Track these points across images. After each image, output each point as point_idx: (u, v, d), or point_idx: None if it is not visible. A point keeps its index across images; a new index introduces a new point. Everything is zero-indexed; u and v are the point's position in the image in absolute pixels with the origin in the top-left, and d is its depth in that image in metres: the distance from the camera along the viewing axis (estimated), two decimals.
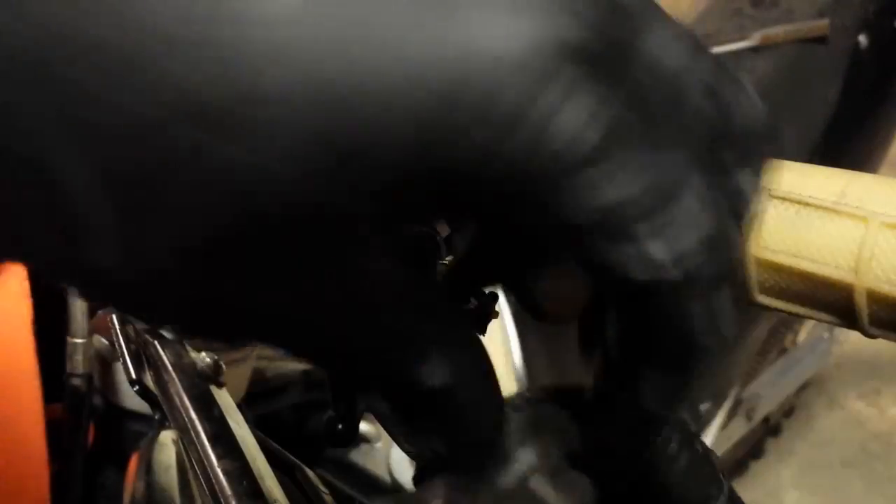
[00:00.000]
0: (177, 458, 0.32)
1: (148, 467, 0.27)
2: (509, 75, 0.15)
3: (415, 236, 0.34)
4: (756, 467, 1.78)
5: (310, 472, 0.44)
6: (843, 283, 0.27)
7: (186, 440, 0.33)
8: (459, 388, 0.21)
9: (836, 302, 0.27)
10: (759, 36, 1.36)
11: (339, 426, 0.27)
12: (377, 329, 0.20)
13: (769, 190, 0.28)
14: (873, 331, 0.27)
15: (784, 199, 0.28)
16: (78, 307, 0.51)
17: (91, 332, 0.51)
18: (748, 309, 0.29)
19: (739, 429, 1.56)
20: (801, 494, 1.75)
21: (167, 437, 0.33)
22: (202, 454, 0.34)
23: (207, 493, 0.33)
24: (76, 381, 0.52)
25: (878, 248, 0.26)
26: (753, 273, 0.28)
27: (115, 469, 0.58)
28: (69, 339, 0.52)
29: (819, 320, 0.29)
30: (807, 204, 0.28)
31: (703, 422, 1.39)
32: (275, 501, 0.35)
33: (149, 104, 0.15)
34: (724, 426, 1.48)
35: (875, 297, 0.26)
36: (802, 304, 0.28)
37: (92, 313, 0.51)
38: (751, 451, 1.74)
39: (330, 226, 0.17)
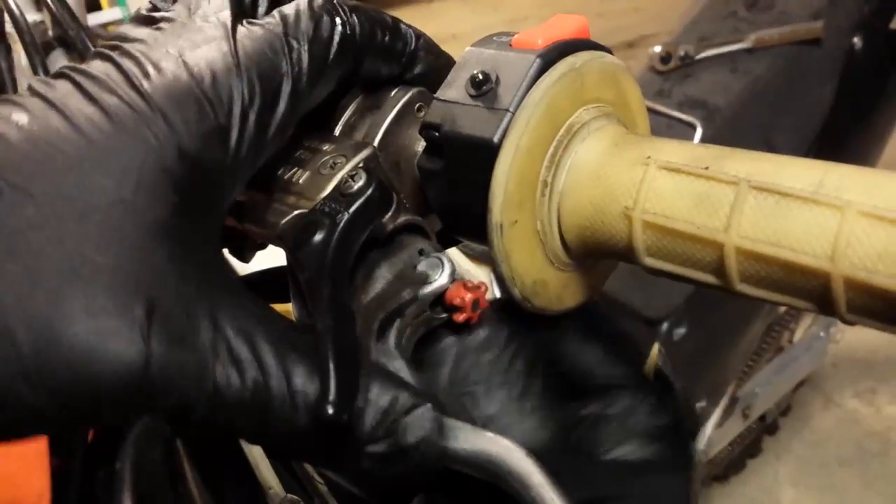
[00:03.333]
0: (168, 443, 0.33)
1: (139, 454, 0.27)
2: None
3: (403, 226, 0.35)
4: (753, 465, 1.78)
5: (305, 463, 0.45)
6: (821, 270, 0.27)
7: (168, 429, 0.34)
8: None
9: (814, 289, 0.28)
10: (753, 38, 1.37)
11: (329, 411, 0.28)
12: None
13: (749, 181, 0.29)
14: (850, 317, 0.28)
15: (763, 189, 0.29)
16: None
17: None
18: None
19: (736, 427, 1.57)
20: (797, 492, 1.75)
21: (157, 423, 0.33)
22: (197, 445, 0.35)
23: (201, 480, 0.33)
24: None
25: (854, 236, 0.27)
26: (733, 263, 0.29)
27: (114, 464, 0.59)
28: None
29: (798, 308, 0.30)
30: (785, 194, 0.28)
31: (700, 420, 1.39)
32: (270, 489, 0.35)
33: None
34: (721, 424, 1.48)
35: (851, 285, 0.27)
36: (782, 292, 0.29)
37: None
38: (747, 449, 1.75)
39: None
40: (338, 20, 0.33)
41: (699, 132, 1.28)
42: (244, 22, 0.32)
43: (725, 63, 1.38)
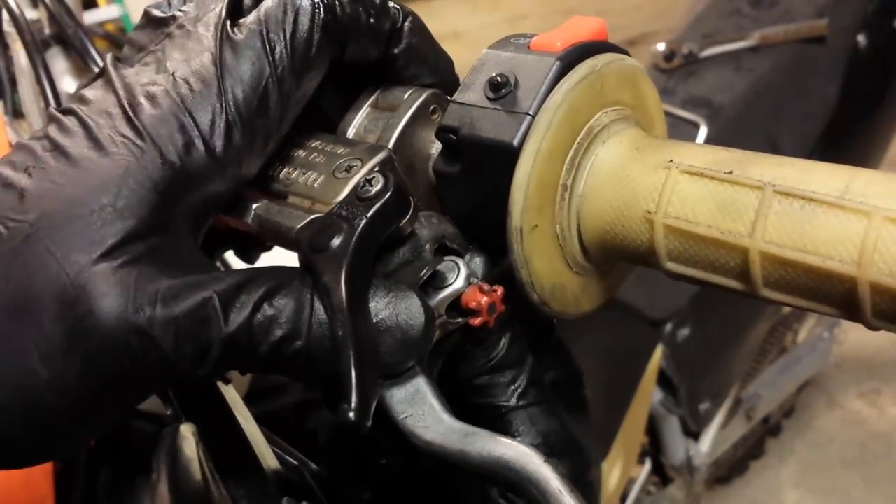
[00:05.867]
0: (197, 450, 0.33)
1: (172, 459, 0.27)
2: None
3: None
4: (756, 467, 1.78)
5: (316, 469, 0.44)
6: (847, 276, 0.27)
7: (197, 434, 0.34)
8: None
9: (840, 295, 0.28)
10: (757, 36, 1.36)
11: (351, 417, 0.27)
12: None
13: (773, 186, 0.29)
14: (876, 323, 0.28)
15: (788, 194, 0.28)
16: None
17: None
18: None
19: (739, 428, 1.57)
20: (800, 494, 1.75)
21: (188, 429, 0.33)
22: (212, 447, 0.34)
23: (220, 483, 0.33)
24: None
25: (881, 241, 0.26)
26: (758, 268, 0.29)
27: (116, 467, 0.58)
28: None
29: (822, 313, 0.29)
30: (811, 199, 0.28)
31: (703, 421, 1.39)
32: (286, 497, 0.35)
33: None
34: (724, 426, 1.48)
35: (878, 290, 0.27)
36: (806, 298, 0.29)
37: None
38: (751, 450, 1.75)
39: None
40: (319, 5, 0.33)
41: (703, 130, 1.28)
42: (231, 28, 0.33)
43: (729, 61, 1.37)
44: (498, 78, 0.32)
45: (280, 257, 0.39)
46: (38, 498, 0.51)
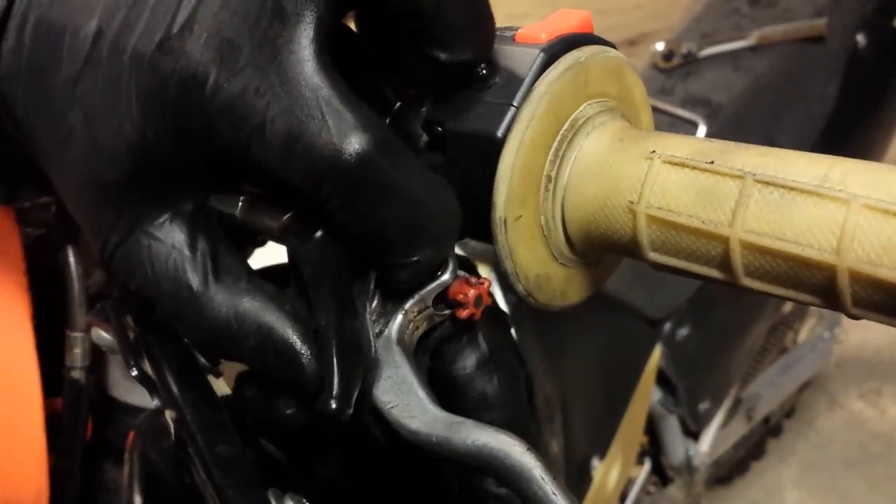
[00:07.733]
0: (175, 435, 0.33)
1: (146, 444, 0.27)
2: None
3: None
4: (756, 468, 1.78)
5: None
6: (826, 264, 0.27)
7: (184, 425, 0.34)
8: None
9: (820, 283, 0.28)
10: (756, 35, 1.36)
11: (333, 406, 0.28)
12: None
13: (753, 175, 0.29)
14: (856, 311, 0.28)
15: (768, 183, 0.28)
16: (77, 300, 0.51)
17: (90, 325, 0.51)
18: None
19: (739, 428, 1.57)
20: (801, 495, 1.75)
21: (167, 416, 0.33)
22: (199, 439, 0.34)
23: (205, 477, 0.33)
24: (75, 375, 0.53)
25: (860, 229, 0.26)
26: (738, 257, 0.29)
27: (112, 462, 0.58)
28: (68, 333, 0.52)
29: (804, 303, 0.29)
30: (790, 188, 0.28)
31: (703, 421, 1.39)
32: (271, 487, 0.35)
33: None
34: (724, 426, 1.48)
35: (857, 278, 0.27)
36: (787, 287, 0.29)
37: (90, 306, 0.52)
38: (751, 450, 1.75)
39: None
40: None
41: (702, 130, 1.28)
42: None
43: (728, 61, 1.37)
44: (482, 69, 0.33)
45: (271, 254, 0.39)
46: (33, 495, 0.51)
